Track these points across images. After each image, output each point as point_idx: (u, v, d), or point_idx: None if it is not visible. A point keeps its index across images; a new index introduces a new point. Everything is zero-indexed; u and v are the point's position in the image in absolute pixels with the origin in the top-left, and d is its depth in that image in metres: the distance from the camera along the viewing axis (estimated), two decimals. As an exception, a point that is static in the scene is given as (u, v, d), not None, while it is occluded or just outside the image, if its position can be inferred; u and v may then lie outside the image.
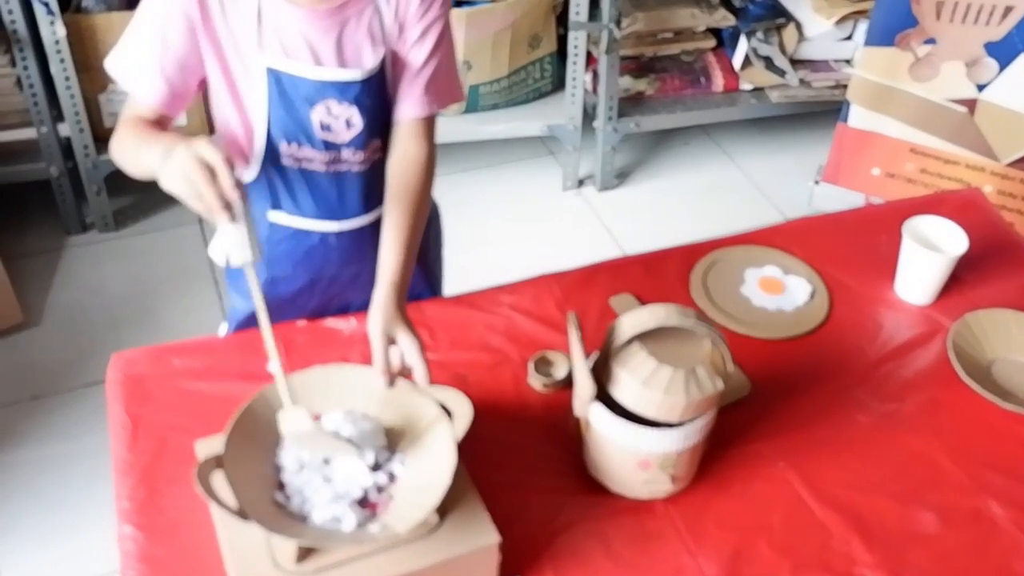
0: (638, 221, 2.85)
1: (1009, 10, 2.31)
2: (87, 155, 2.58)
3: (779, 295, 1.51)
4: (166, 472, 1.20)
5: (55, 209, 2.68)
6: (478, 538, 1.02)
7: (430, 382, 1.13)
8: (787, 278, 1.53)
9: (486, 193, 2.88)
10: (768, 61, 2.88)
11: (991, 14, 2.33)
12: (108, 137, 2.55)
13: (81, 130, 2.54)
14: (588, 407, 1.14)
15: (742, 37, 2.86)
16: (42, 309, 2.47)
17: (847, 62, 2.93)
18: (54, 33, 2.36)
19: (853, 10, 2.82)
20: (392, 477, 1.07)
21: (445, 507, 1.02)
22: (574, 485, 1.21)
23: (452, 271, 1.66)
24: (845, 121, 2.63)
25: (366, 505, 1.03)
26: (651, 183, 3.01)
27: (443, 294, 1.62)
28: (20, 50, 2.39)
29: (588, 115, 2.87)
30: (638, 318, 1.10)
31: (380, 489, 1.05)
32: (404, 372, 1.16)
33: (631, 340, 1.11)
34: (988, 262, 1.59)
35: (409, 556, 1.00)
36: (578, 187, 2.96)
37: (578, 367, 1.12)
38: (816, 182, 2.77)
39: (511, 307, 1.46)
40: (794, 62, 2.92)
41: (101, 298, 2.52)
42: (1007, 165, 2.50)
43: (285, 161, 1.31)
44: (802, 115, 3.03)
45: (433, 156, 1.33)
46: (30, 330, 2.41)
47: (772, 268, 1.55)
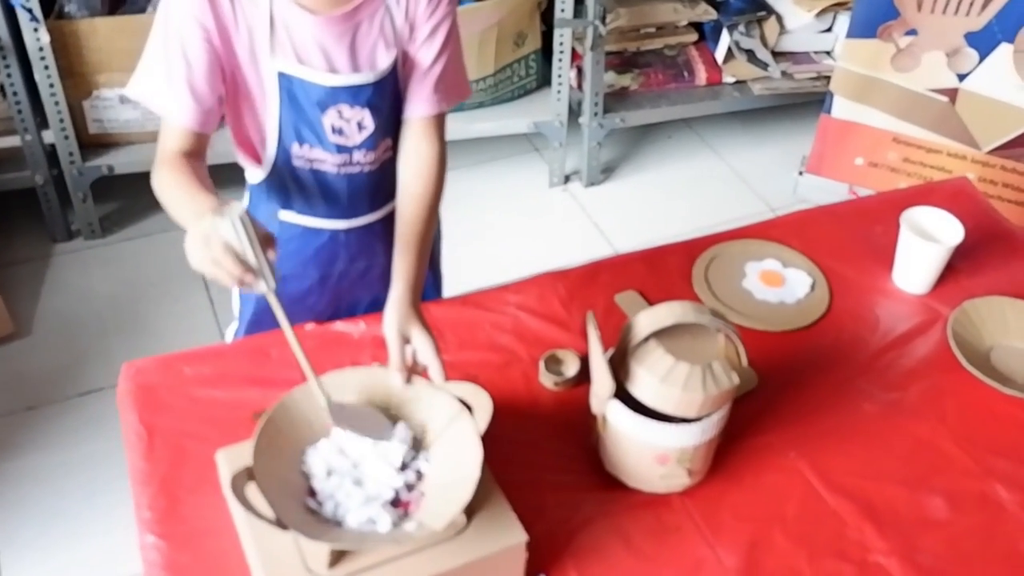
0: (625, 215, 2.87)
1: (988, 0, 2.35)
2: (72, 162, 2.56)
3: (780, 288, 1.53)
4: (186, 481, 1.21)
5: (40, 217, 2.66)
6: (506, 537, 1.03)
7: (446, 379, 1.15)
8: (787, 271, 1.56)
9: (473, 191, 2.88)
10: (750, 54, 2.90)
11: (971, 5, 2.37)
12: (92, 143, 2.58)
13: (66, 137, 2.52)
14: (606, 404, 1.16)
15: (724, 31, 2.88)
16: (32, 318, 2.45)
17: (828, 54, 2.97)
18: (38, 40, 2.34)
19: (833, 2, 2.86)
20: (420, 475, 1.08)
21: (471, 507, 1.03)
22: (591, 481, 1.23)
23: (444, 269, 1.67)
24: (829, 112, 2.66)
25: (398, 505, 1.04)
26: (636, 177, 3.04)
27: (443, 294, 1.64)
28: (3, 57, 2.37)
29: (573, 111, 2.88)
30: (656, 315, 1.12)
31: (410, 488, 1.06)
32: (420, 370, 1.18)
33: (648, 337, 1.12)
34: (981, 250, 1.62)
35: (438, 557, 1.01)
36: (564, 183, 2.98)
37: (597, 365, 1.14)
38: (800, 173, 2.81)
39: (517, 306, 1.48)
40: (776, 54, 2.95)
41: (91, 305, 2.50)
42: (988, 153, 2.54)
43: (296, 163, 1.32)
44: (784, 107, 3.07)
45: (444, 153, 1.35)
46: (21, 340, 2.39)
47: (772, 261, 1.57)
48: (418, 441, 1.12)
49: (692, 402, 1.11)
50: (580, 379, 1.35)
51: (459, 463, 1.06)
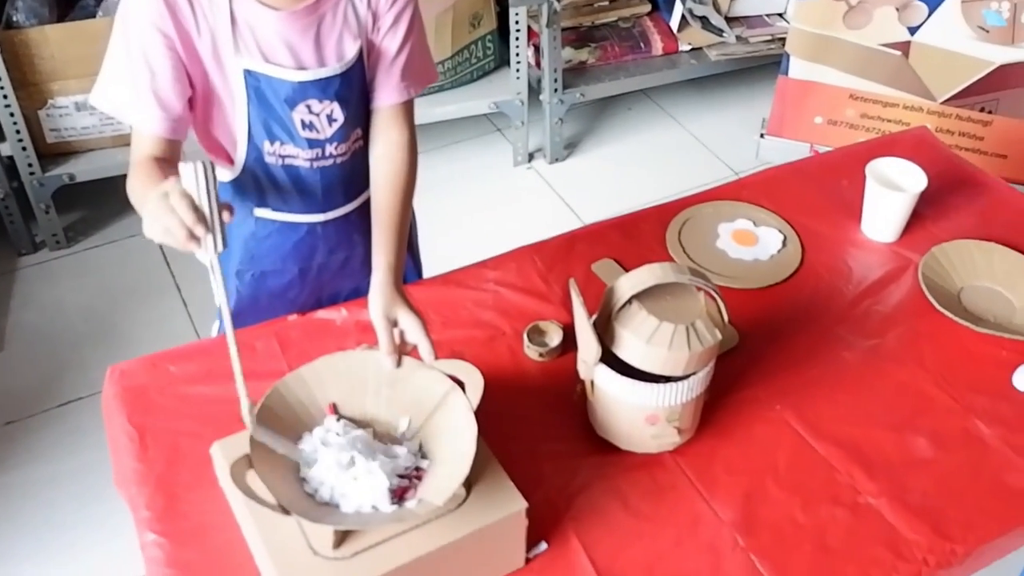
0: (591, 189, 2.89)
1: (935, -48, 2.39)
2: (32, 173, 2.53)
3: (753, 246, 1.55)
4: (182, 477, 1.21)
5: (3, 231, 2.63)
6: (506, 506, 1.05)
7: (436, 358, 1.16)
8: (758, 229, 1.58)
9: (439, 175, 2.88)
10: (704, 21, 2.93)
11: (919, -43, 2.41)
12: (51, 153, 2.55)
13: (23, 148, 2.49)
14: (593, 369, 1.17)
15: (677, -1, 2.90)
16: (3, 334, 2.42)
17: (780, 15, 3.00)
18: (-12, 51, 2.32)
19: (783, -36, 2.89)
20: (419, 468, 1.09)
21: (469, 480, 1.04)
22: (584, 447, 1.25)
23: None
24: (786, 73, 2.68)
25: (397, 492, 1.05)
26: (600, 151, 3.05)
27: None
28: (-47, 72, 2.34)
29: (533, 89, 2.89)
30: (637, 278, 1.13)
31: (407, 477, 1.08)
32: (408, 351, 1.19)
33: (630, 300, 1.14)
34: (944, 196, 1.65)
35: (442, 530, 1.02)
36: (529, 161, 2.99)
37: (583, 331, 1.16)
38: (761, 135, 2.83)
39: (496, 282, 1.49)
40: (729, 20, 2.98)
41: (62, 316, 2.48)
42: (942, 103, 2.58)
43: (269, 160, 1.31)
44: (741, 71, 3.09)
45: (414, 138, 1.36)
46: (-6, 356, 2.37)
47: (743, 221, 1.60)
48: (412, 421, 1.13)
49: (679, 360, 1.13)
50: (564, 349, 1.37)
51: (455, 439, 1.07)
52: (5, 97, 2.40)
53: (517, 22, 2.69)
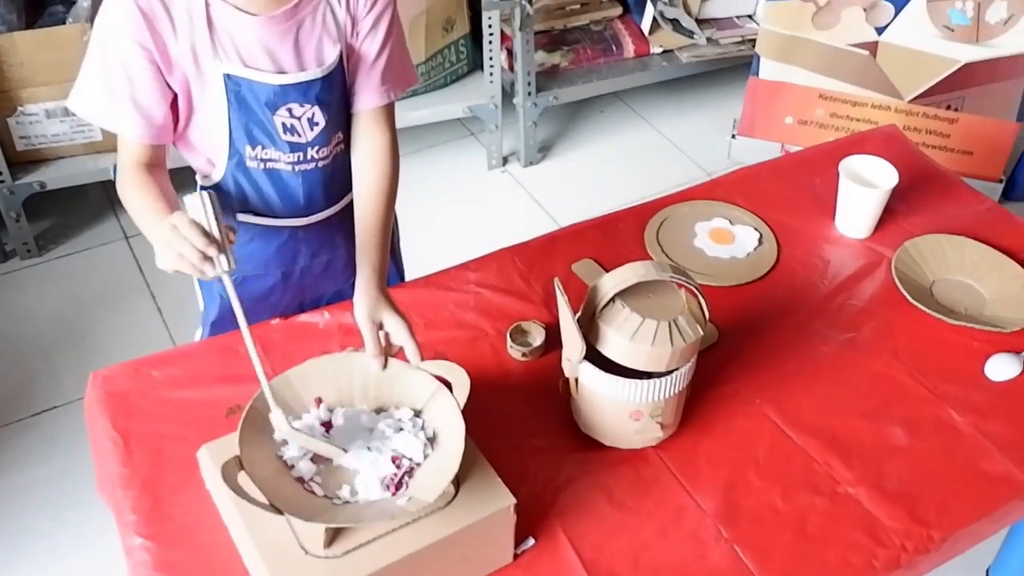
0: (566, 191, 2.91)
1: (901, -46, 2.43)
2: (2, 181, 2.51)
3: (730, 244, 1.58)
4: (167, 480, 1.21)
5: (-28, 240, 2.61)
6: (494, 502, 1.06)
7: (422, 359, 1.17)
8: (735, 228, 1.61)
9: (413, 179, 2.88)
10: (675, 23, 2.96)
11: (885, -41, 2.45)
12: (21, 161, 2.53)
13: (-7, 156, 2.47)
14: (578, 367, 1.19)
15: (648, 2, 2.93)
16: (-27, 344, 2.41)
17: (750, 17, 3.04)
18: (-44, 60, 2.30)
19: (751, -34, 2.93)
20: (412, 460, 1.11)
21: (459, 478, 1.06)
22: (568, 444, 1.26)
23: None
24: (756, 74, 2.72)
25: (390, 487, 1.07)
26: (573, 153, 3.07)
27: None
28: (-77, 79, 2.32)
29: (506, 93, 2.90)
30: (620, 276, 1.15)
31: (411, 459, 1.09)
32: (394, 352, 1.20)
33: (613, 299, 1.16)
34: (915, 192, 1.69)
35: (432, 527, 1.03)
36: (503, 165, 3.01)
37: (567, 329, 1.17)
38: (733, 136, 2.87)
39: (478, 283, 1.50)
40: (700, 22, 3.01)
41: (33, 326, 2.46)
42: (910, 101, 2.63)
43: (250, 164, 1.31)
44: (711, 73, 3.12)
45: (396, 141, 1.37)
46: (-36, 366, 2.35)
47: (720, 220, 1.62)
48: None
49: (662, 356, 1.15)
50: (547, 348, 1.38)
51: (444, 437, 1.08)
52: (-25, 105, 2.38)
53: (490, 26, 2.70)
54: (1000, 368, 1.38)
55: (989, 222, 1.64)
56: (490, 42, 2.73)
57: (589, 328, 1.18)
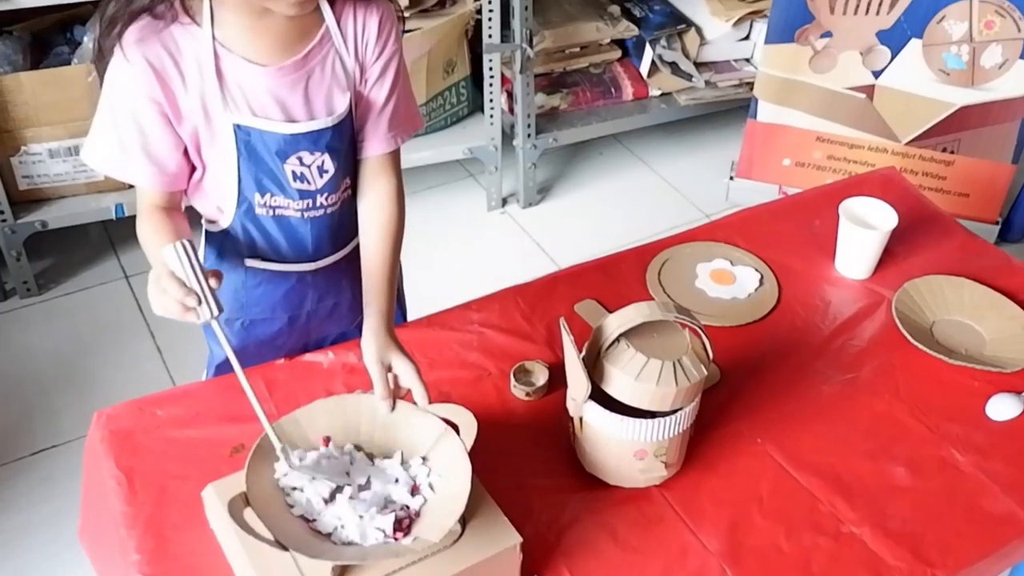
0: (565, 232, 2.93)
1: (896, 0, 2.47)
2: (3, 220, 2.52)
3: (731, 285, 1.59)
4: (171, 520, 1.21)
5: (-28, 278, 2.62)
6: (500, 540, 1.07)
7: (430, 402, 1.18)
8: (736, 269, 1.62)
9: (413, 220, 2.86)
10: (674, 66, 2.99)
11: (880, 5, 2.49)
12: (23, 199, 2.55)
13: (-6, 196, 2.49)
14: (583, 406, 1.20)
15: (646, 45, 2.97)
16: (-27, 383, 2.40)
17: (747, 60, 3.08)
18: (-38, 100, 2.32)
19: (748, 11, 2.97)
20: (418, 493, 1.11)
21: (465, 516, 1.06)
22: (573, 483, 1.27)
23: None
24: (754, 117, 2.76)
25: (399, 528, 1.07)
26: (572, 194, 3.10)
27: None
28: (-73, 119, 2.34)
29: (506, 135, 2.93)
30: (625, 316, 1.16)
31: (406, 507, 1.09)
32: (402, 395, 1.21)
33: (618, 338, 1.17)
34: (914, 233, 1.70)
35: (438, 565, 1.03)
36: (503, 206, 3.03)
37: (573, 368, 1.18)
38: (731, 178, 2.90)
39: (481, 323, 1.51)
40: (698, 65, 3.05)
41: (33, 364, 2.45)
42: (906, 144, 2.66)
43: (259, 211, 1.32)
44: (708, 116, 3.16)
45: (402, 186, 1.38)
46: (-38, 406, 2.34)
47: (720, 261, 1.64)
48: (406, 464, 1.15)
49: (666, 396, 1.15)
50: (550, 387, 1.39)
51: (450, 479, 1.09)
52: (-21, 144, 2.40)
53: (491, 68, 2.74)
54: (1001, 408, 1.39)
55: (987, 264, 1.66)
56: (490, 84, 2.76)
57: (594, 367, 1.19)
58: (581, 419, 1.22)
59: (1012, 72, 2.48)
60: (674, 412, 1.18)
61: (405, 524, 1.06)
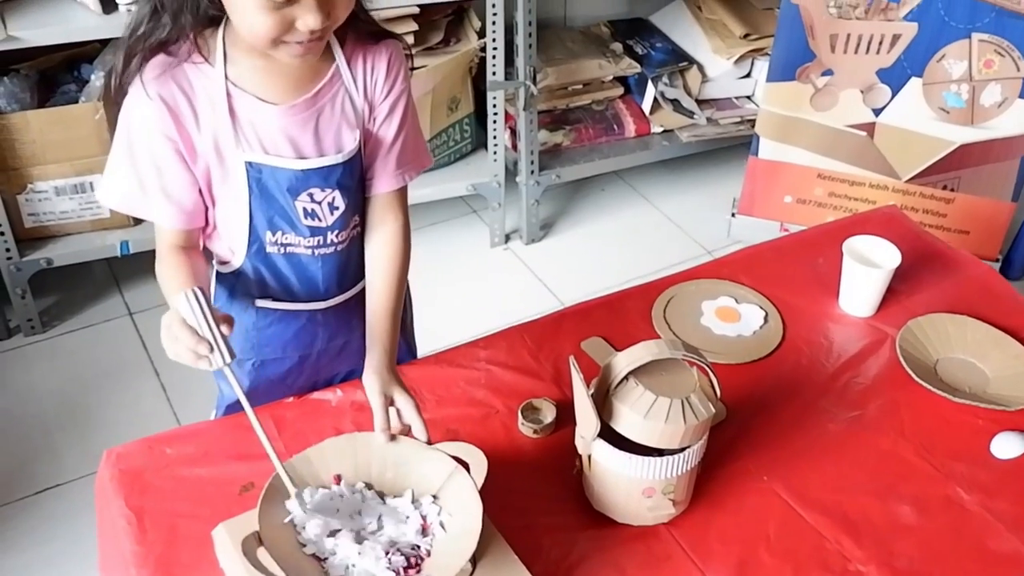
0: (568, 268, 2.94)
1: (897, 38, 2.50)
2: (9, 258, 2.53)
3: (736, 322, 1.60)
4: (182, 559, 1.21)
5: (-24, 316, 2.62)
6: (511, 580, 1.07)
7: (429, 436, 1.19)
8: (740, 306, 1.63)
9: (417, 256, 2.89)
10: (676, 103, 3.02)
11: (880, 43, 2.52)
12: (29, 237, 2.56)
13: (1, 233, 2.49)
14: (591, 444, 1.20)
15: (649, 83, 3.00)
16: (-24, 421, 2.40)
17: (748, 98, 3.11)
18: (-30, 138, 2.33)
19: (749, 49, 3.00)
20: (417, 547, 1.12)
21: (476, 555, 1.06)
22: (581, 521, 1.27)
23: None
24: (756, 154, 2.78)
25: (409, 567, 1.07)
26: (575, 231, 3.11)
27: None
28: (-65, 157, 2.36)
29: (509, 171, 2.95)
30: (633, 354, 1.17)
31: (417, 547, 1.09)
32: (402, 430, 1.22)
33: (626, 376, 1.18)
34: (917, 271, 1.72)
35: (449, 605, 1.04)
36: (506, 242, 3.04)
37: (582, 406, 1.19)
38: (733, 214, 2.92)
39: (488, 360, 1.52)
40: (700, 102, 3.08)
41: (35, 402, 2.45)
42: (907, 181, 2.68)
43: (270, 249, 1.33)
44: (710, 152, 3.18)
45: (408, 223, 1.40)
46: (-36, 445, 2.34)
47: (725, 298, 1.65)
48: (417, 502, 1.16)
49: (675, 434, 1.16)
50: (558, 425, 1.39)
51: (461, 517, 1.09)
52: (-14, 183, 2.41)
53: (495, 106, 2.76)
54: (1005, 446, 1.40)
55: (990, 301, 1.67)
56: (494, 121, 2.79)
57: (603, 405, 1.19)
58: (590, 457, 1.23)
59: (1012, 111, 2.51)
60: (682, 450, 1.19)
61: (415, 563, 1.07)
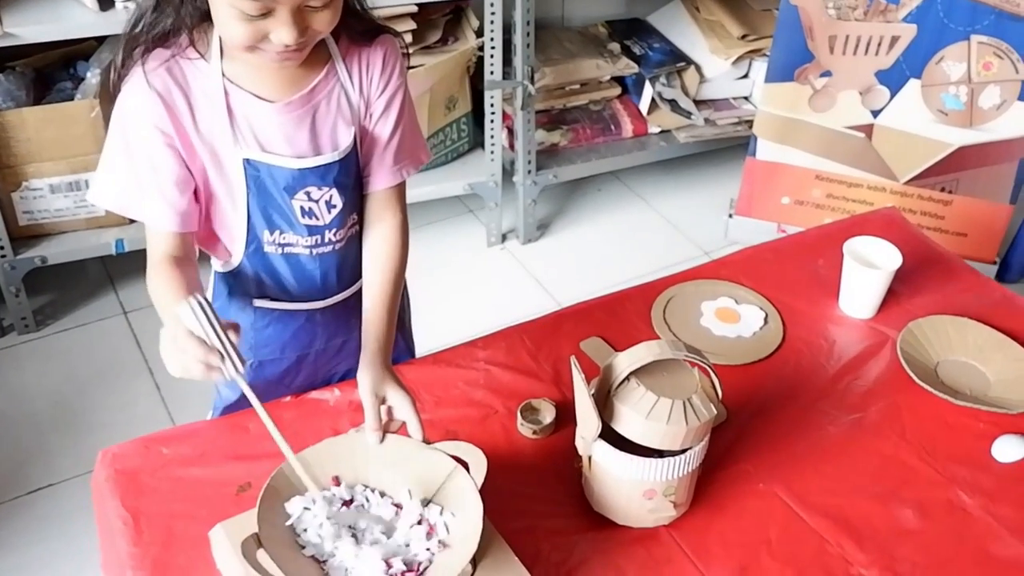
0: (564, 268, 2.93)
1: (896, 40, 2.50)
2: (3, 256, 2.51)
3: (736, 324, 1.59)
4: (178, 560, 1.20)
5: (-30, 314, 2.61)
6: (512, 582, 1.06)
7: (424, 434, 1.18)
8: (740, 307, 1.63)
9: (412, 256, 2.89)
10: (673, 104, 3.02)
11: (879, 45, 2.52)
12: (23, 235, 2.55)
13: (-5, 231, 2.48)
14: (592, 445, 1.19)
15: (646, 83, 2.99)
16: (-31, 420, 2.38)
17: (746, 99, 3.11)
18: (-35, 135, 2.32)
19: (747, 50, 3.00)
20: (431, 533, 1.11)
21: (476, 557, 1.05)
22: (581, 523, 1.26)
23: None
24: (754, 155, 2.78)
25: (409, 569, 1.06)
26: (571, 231, 3.10)
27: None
28: (-70, 154, 2.34)
29: (506, 171, 2.95)
30: (635, 355, 1.16)
31: (417, 552, 1.08)
32: (395, 429, 1.21)
33: (628, 377, 1.17)
34: (917, 273, 1.71)
35: (449, 608, 1.03)
36: (502, 242, 3.03)
37: (583, 407, 1.18)
38: (730, 215, 2.91)
39: (487, 361, 1.51)
40: (697, 103, 3.07)
41: (29, 401, 2.43)
42: (905, 183, 2.68)
43: (268, 249, 1.32)
44: (707, 153, 3.18)
45: (406, 220, 1.38)
46: (-43, 444, 2.32)
47: (725, 299, 1.64)
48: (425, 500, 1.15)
49: (677, 435, 1.15)
50: (557, 426, 1.39)
51: (461, 517, 1.08)
52: (-19, 180, 2.40)
53: (492, 105, 2.76)
54: (1007, 450, 1.39)
55: (990, 304, 1.66)
56: (491, 121, 2.78)
57: (604, 406, 1.19)
58: (590, 458, 1.22)
59: (1010, 113, 2.51)
60: (684, 451, 1.18)
61: (416, 565, 1.06)
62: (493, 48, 2.64)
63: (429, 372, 1.48)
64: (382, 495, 1.15)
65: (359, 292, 1.39)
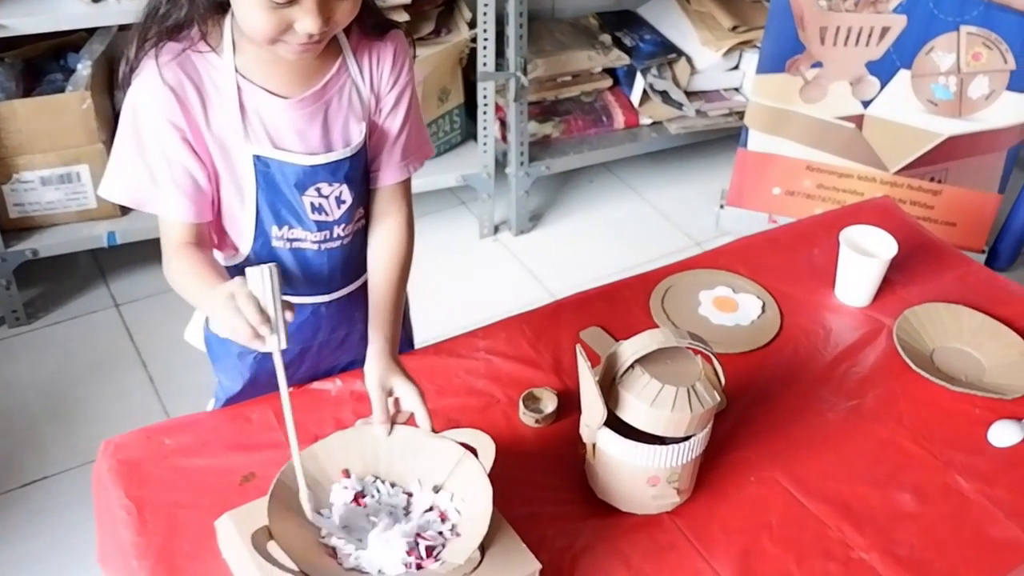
0: (558, 260, 2.94)
1: (886, 31, 2.52)
2: (-7, 248, 2.51)
3: (734, 312, 1.61)
4: (183, 549, 1.21)
5: (-39, 307, 2.59)
6: (520, 567, 1.07)
7: (432, 425, 1.18)
8: (738, 296, 1.64)
9: (406, 247, 2.91)
10: (664, 95, 3.03)
11: (870, 36, 2.53)
12: (14, 228, 2.54)
13: (-15, 223, 2.47)
14: (597, 432, 1.20)
15: (637, 74, 3.00)
16: (-38, 413, 2.37)
17: (737, 90, 3.12)
18: (-45, 127, 2.31)
19: (738, 41, 3.01)
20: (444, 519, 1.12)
21: (484, 543, 1.06)
22: (585, 510, 1.27)
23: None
24: (745, 146, 2.79)
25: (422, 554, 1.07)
26: (564, 222, 3.11)
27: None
28: (-80, 147, 2.33)
29: (498, 162, 2.95)
30: (639, 343, 1.17)
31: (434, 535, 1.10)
32: (403, 420, 1.21)
33: (632, 365, 1.18)
34: (911, 261, 1.73)
35: (458, 593, 1.04)
36: (495, 233, 3.04)
37: (588, 394, 1.19)
38: (721, 206, 2.93)
39: (487, 350, 1.52)
40: (688, 94, 3.08)
41: (21, 394, 2.42)
42: (895, 173, 2.70)
43: (276, 244, 1.31)
44: (698, 144, 3.19)
45: (411, 215, 1.38)
46: (-51, 436, 2.31)
47: (723, 288, 1.65)
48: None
49: (681, 422, 1.16)
50: (559, 414, 1.40)
51: (472, 501, 1.09)
52: (-29, 172, 2.39)
53: (484, 97, 2.76)
54: (1002, 434, 1.41)
55: (984, 291, 1.68)
56: (484, 112, 2.78)
57: (608, 394, 1.20)
58: (595, 446, 1.23)
59: (999, 103, 2.53)
60: (687, 438, 1.19)
61: (429, 551, 1.07)
62: (486, 39, 2.64)
63: (430, 362, 1.49)
64: (393, 485, 1.16)
65: (364, 286, 1.39)
